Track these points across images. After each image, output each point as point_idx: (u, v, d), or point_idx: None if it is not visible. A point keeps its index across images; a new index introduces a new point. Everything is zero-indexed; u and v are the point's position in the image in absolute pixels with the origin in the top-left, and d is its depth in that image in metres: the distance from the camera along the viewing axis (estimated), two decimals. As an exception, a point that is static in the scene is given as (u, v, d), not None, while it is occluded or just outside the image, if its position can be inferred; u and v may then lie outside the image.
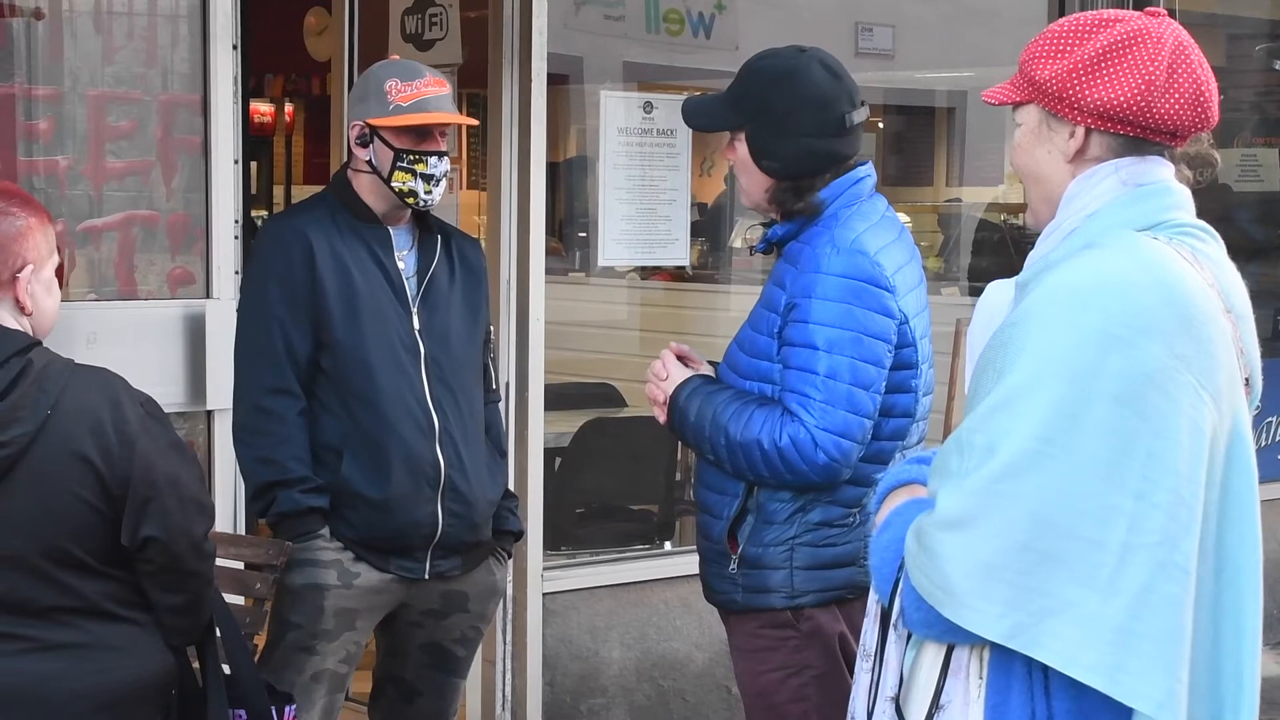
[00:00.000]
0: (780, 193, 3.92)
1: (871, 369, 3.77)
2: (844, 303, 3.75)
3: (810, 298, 3.78)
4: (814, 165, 3.89)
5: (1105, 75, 2.78)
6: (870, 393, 3.77)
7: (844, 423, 3.74)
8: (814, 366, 3.75)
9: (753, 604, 3.93)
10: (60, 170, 5.08)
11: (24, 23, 5.04)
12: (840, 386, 3.74)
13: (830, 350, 3.74)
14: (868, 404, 3.77)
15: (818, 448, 3.74)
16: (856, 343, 3.75)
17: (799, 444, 3.74)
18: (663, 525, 7.31)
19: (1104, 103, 2.78)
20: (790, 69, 3.91)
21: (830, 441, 3.74)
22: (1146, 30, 2.80)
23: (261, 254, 4.42)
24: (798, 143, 3.88)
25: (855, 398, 3.75)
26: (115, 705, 3.32)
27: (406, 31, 7.01)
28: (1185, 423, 2.60)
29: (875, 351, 3.78)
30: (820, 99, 3.88)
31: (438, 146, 4.36)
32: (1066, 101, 2.82)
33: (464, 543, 4.45)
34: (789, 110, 3.87)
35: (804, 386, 3.76)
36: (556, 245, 7.19)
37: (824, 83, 3.90)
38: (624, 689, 6.47)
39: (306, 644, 4.33)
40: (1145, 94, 2.77)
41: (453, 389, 4.41)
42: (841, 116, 3.89)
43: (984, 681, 2.69)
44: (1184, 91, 2.78)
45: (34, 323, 3.34)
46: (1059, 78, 2.82)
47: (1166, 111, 2.78)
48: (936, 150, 10.07)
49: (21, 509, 3.20)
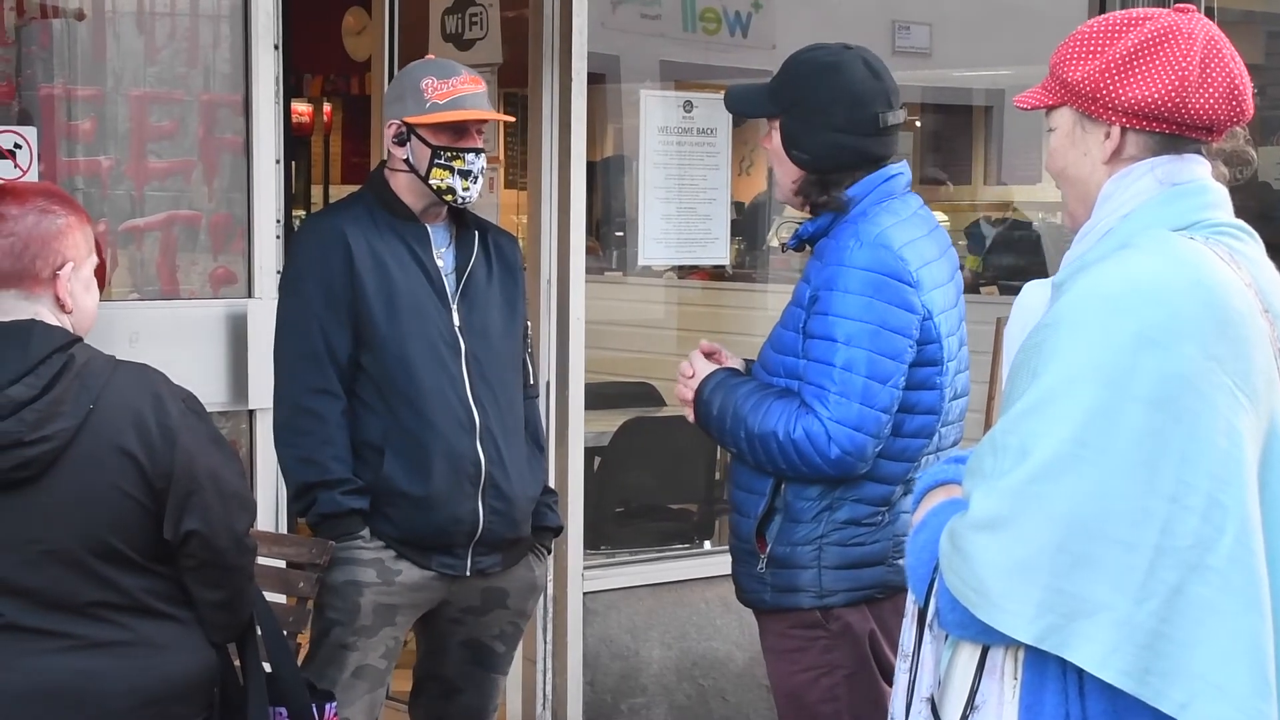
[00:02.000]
0: (806, 185, 3.93)
1: (890, 363, 3.76)
2: (864, 295, 3.75)
3: (832, 290, 3.78)
4: (842, 161, 3.89)
5: (1138, 73, 2.77)
6: (888, 387, 3.76)
7: (858, 416, 3.74)
8: (831, 359, 3.75)
9: (781, 603, 3.94)
10: (103, 170, 5.10)
11: (66, 23, 5.06)
12: (856, 379, 3.73)
13: (848, 343, 3.74)
14: (884, 398, 3.76)
15: (831, 441, 3.74)
16: (875, 336, 3.74)
17: (812, 436, 3.74)
18: (702, 524, 7.31)
19: (1138, 101, 2.77)
20: (831, 64, 3.92)
21: (843, 435, 3.74)
22: (1177, 26, 2.79)
23: (300, 254, 4.43)
24: (828, 137, 3.88)
25: (871, 391, 3.74)
26: (157, 702, 3.32)
27: (446, 31, 7.03)
28: (1220, 424, 2.59)
29: (895, 345, 3.77)
30: (856, 96, 3.88)
31: (475, 143, 4.37)
32: (1100, 102, 2.81)
33: (504, 539, 4.45)
34: (824, 104, 3.88)
35: (820, 379, 3.77)
36: (595, 244, 7.19)
37: (863, 81, 3.90)
38: (664, 688, 6.47)
39: (347, 640, 4.34)
40: (1180, 90, 2.76)
41: (492, 385, 4.42)
42: (876, 116, 3.89)
43: (1019, 682, 2.68)
44: (1218, 85, 2.77)
45: (74, 321, 3.36)
46: (1091, 78, 2.81)
47: (1202, 106, 2.77)
48: (974, 149, 10.06)
49: (64, 503, 3.22)
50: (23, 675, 3.23)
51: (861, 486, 3.85)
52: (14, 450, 3.17)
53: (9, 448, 3.17)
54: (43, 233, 3.32)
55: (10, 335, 3.24)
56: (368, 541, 4.33)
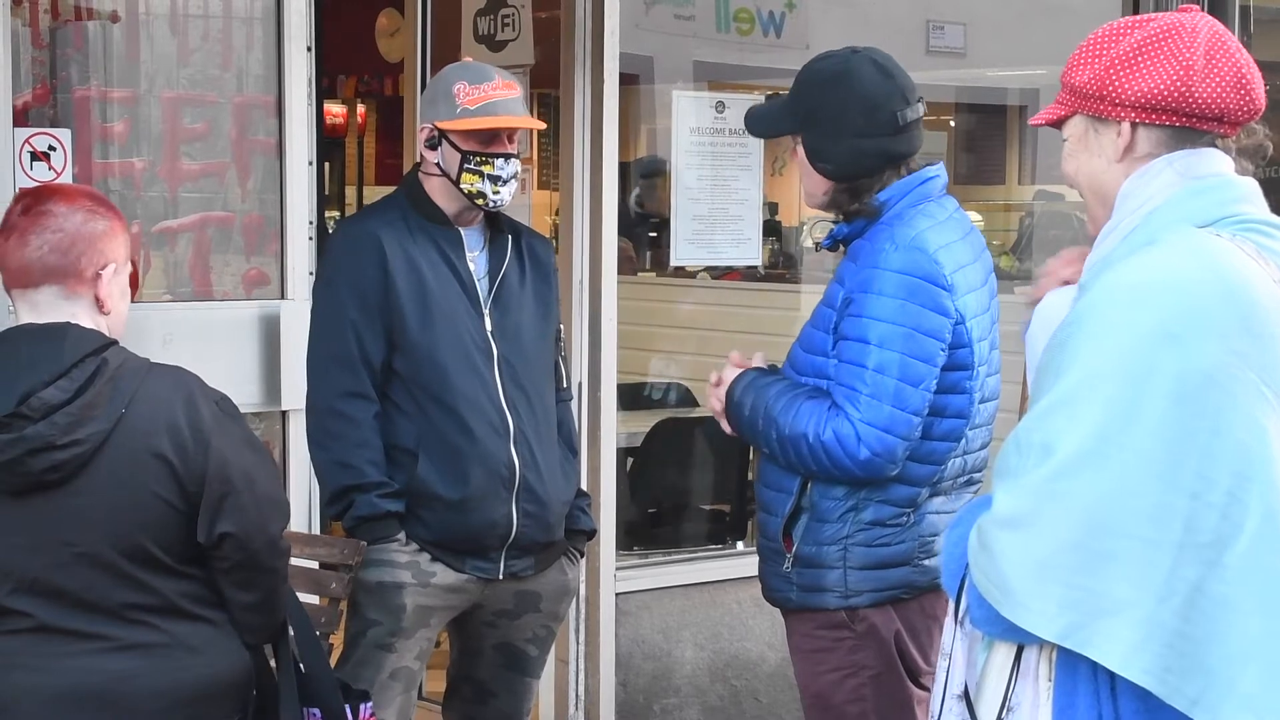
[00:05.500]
0: (837, 194, 3.93)
1: (922, 366, 3.75)
2: (898, 298, 3.74)
3: (866, 293, 3.77)
4: (867, 165, 3.88)
5: (1142, 67, 2.78)
6: (920, 389, 3.76)
7: (889, 418, 3.73)
8: (863, 361, 3.74)
9: (808, 603, 3.93)
10: (136, 172, 5.12)
11: (100, 25, 5.08)
12: (888, 382, 3.73)
13: (881, 345, 3.73)
14: (916, 400, 3.76)
15: (860, 442, 3.73)
16: (909, 339, 3.74)
17: (842, 438, 3.74)
18: (734, 525, 7.30)
19: (1144, 93, 2.78)
20: (839, 71, 3.91)
21: (874, 437, 3.73)
22: (1180, 23, 2.81)
23: (334, 257, 4.44)
24: (850, 144, 3.87)
25: (903, 393, 3.74)
26: (192, 704, 3.33)
27: (479, 32, 7.03)
28: (1243, 420, 2.58)
29: (927, 349, 3.76)
30: (870, 99, 3.87)
31: (505, 149, 4.37)
32: (1107, 100, 2.82)
33: (538, 543, 4.45)
34: (839, 112, 3.88)
35: (852, 380, 3.76)
36: (627, 245, 7.19)
37: (874, 82, 3.89)
38: (697, 689, 6.47)
39: (385, 641, 4.34)
40: (1184, 79, 2.76)
41: (525, 389, 4.42)
42: (894, 115, 3.88)
43: (1052, 683, 2.68)
44: (1224, 75, 2.77)
45: (109, 324, 3.38)
46: (1097, 78, 2.82)
47: (1208, 96, 2.77)
48: (1009, 148, 10.03)
49: (97, 505, 3.23)
50: (56, 677, 3.25)
51: (888, 488, 3.84)
52: (46, 453, 3.18)
53: (41, 450, 3.18)
54: (89, 232, 3.34)
55: (45, 337, 3.26)
56: (403, 545, 4.33)
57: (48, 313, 3.31)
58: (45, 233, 3.31)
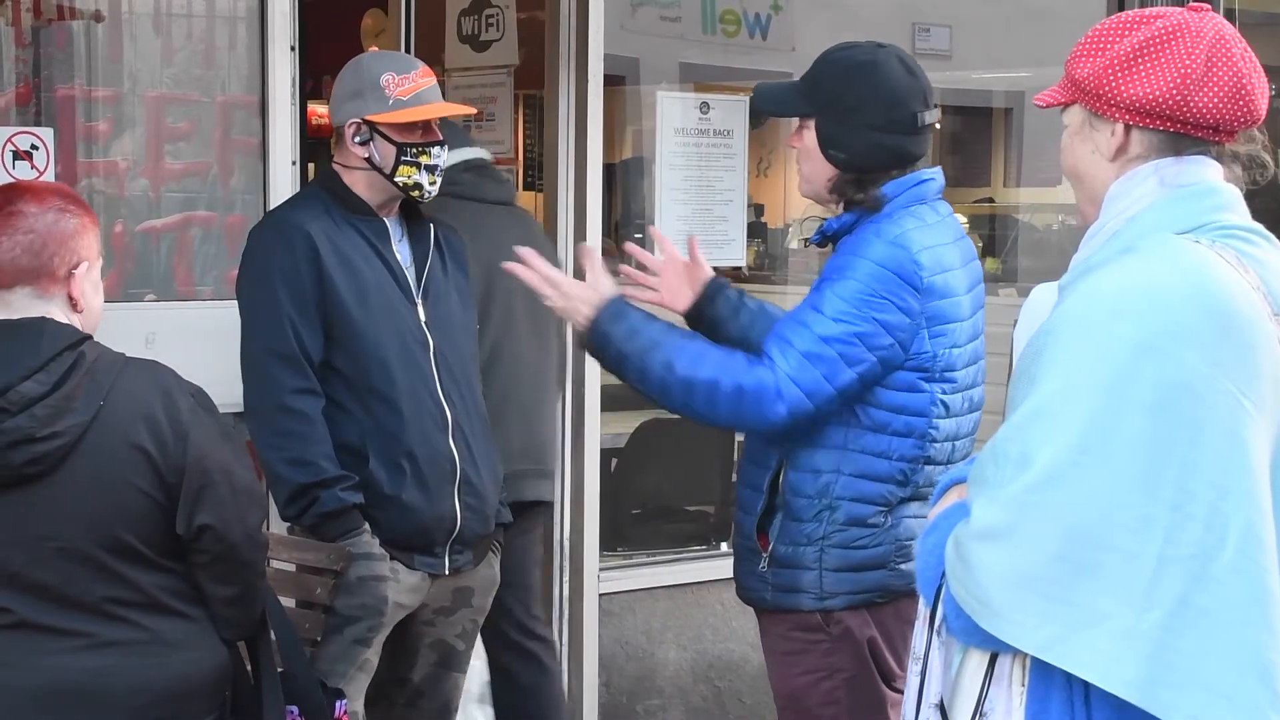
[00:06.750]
0: (842, 183, 3.91)
1: (863, 351, 3.73)
2: (868, 284, 3.73)
3: (840, 272, 3.77)
4: (881, 160, 3.88)
5: (1142, 70, 2.76)
6: (852, 370, 3.73)
7: (814, 384, 3.71)
8: (810, 323, 3.73)
9: (782, 604, 3.92)
10: (119, 171, 5.11)
11: (84, 25, 5.07)
12: (827, 351, 3.71)
13: (837, 319, 3.71)
14: (844, 379, 3.72)
15: (780, 398, 3.70)
16: (863, 322, 3.72)
17: (763, 389, 3.69)
18: (719, 526, 7.29)
19: (1140, 98, 2.76)
20: (868, 62, 3.90)
21: (795, 396, 3.70)
22: (1185, 24, 2.77)
23: (263, 253, 4.31)
24: (867, 136, 3.86)
25: (836, 369, 3.71)
26: (170, 700, 3.34)
27: (463, 33, 7.03)
28: (1223, 431, 2.56)
29: (877, 340, 3.74)
30: (894, 94, 3.87)
31: (438, 137, 4.36)
32: (1105, 98, 2.80)
33: (478, 535, 4.47)
34: (861, 103, 3.86)
35: (791, 334, 3.74)
36: (612, 246, 7.18)
37: (899, 79, 3.89)
38: (680, 690, 6.46)
39: (363, 636, 4.31)
40: (1182, 87, 2.74)
41: (459, 381, 4.41)
42: (914, 115, 3.88)
43: (1025, 689, 2.67)
44: (1223, 84, 2.74)
45: (83, 320, 3.38)
46: (1097, 74, 2.80)
47: (1205, 105, 2.74)
48: (994, 151, 10.04)
49: (76, 498, 3.24)
50: (35, 674, 3.25)
51: (857, 485, 3.82)
52: (25, 446, 3.19)
53: (20, 443, 3.19)
54: (60, 231, 3.35)
55: (21, 332, 3.27)
56: (372, 536, 4.28)
57: (21, 312, 3.31)
58: (17, 234, 3.31)
